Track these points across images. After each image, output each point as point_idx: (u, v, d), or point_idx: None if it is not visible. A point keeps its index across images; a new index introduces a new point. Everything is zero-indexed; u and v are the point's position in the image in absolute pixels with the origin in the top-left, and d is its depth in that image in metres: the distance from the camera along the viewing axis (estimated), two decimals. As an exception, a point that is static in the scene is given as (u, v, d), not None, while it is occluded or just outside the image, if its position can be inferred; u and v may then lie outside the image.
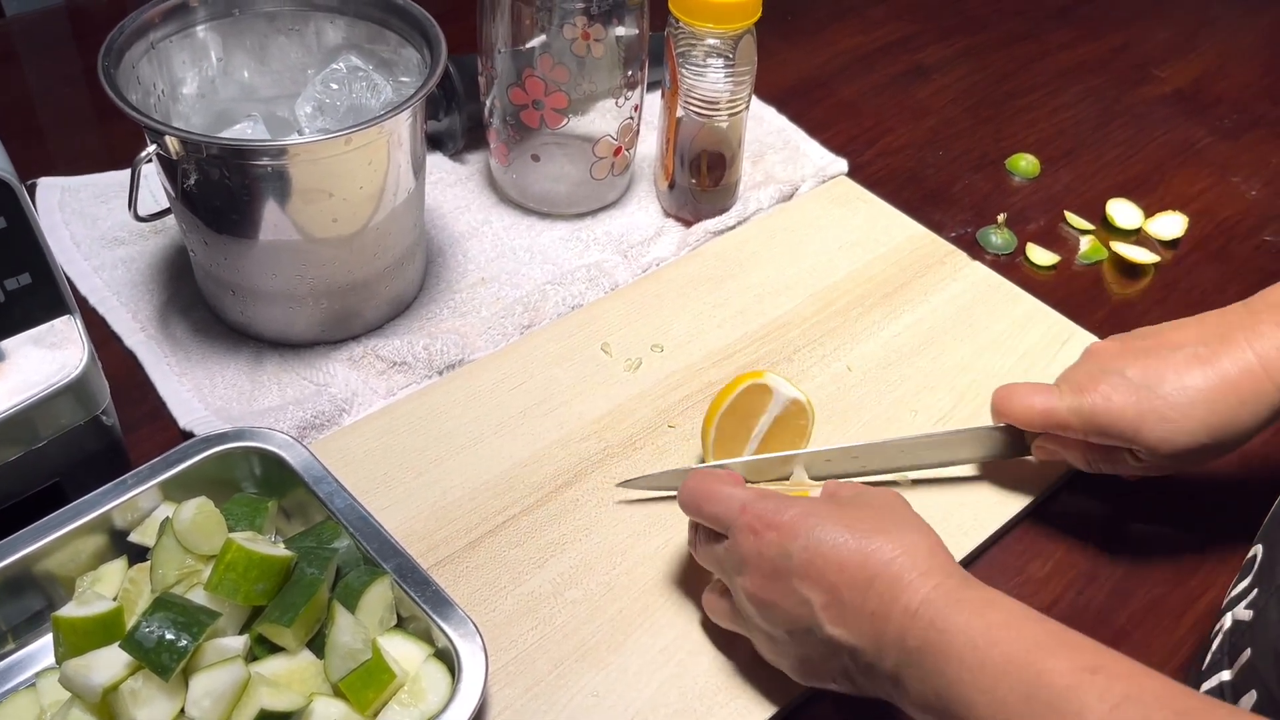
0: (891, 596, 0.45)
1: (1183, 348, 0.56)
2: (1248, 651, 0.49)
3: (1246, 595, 0.51)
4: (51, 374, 0.54)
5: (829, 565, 0.47)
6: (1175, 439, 0.54)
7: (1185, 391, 0.54)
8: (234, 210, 0.63)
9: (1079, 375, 0.58)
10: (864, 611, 0.46)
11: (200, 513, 0.54)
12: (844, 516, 0.48)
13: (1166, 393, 0.54)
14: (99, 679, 0.48)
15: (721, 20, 0.73)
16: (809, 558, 0.47)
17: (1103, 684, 0.40)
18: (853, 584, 0.46)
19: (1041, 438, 0.61)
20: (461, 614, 0.52)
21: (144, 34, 0.66)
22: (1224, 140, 0.96)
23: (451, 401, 0.67)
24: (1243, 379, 0.54)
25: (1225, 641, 0.51)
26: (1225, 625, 0.52)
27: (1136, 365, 0.56)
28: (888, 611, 0.45)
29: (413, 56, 0.70)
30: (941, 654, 0.43)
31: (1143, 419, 0.54)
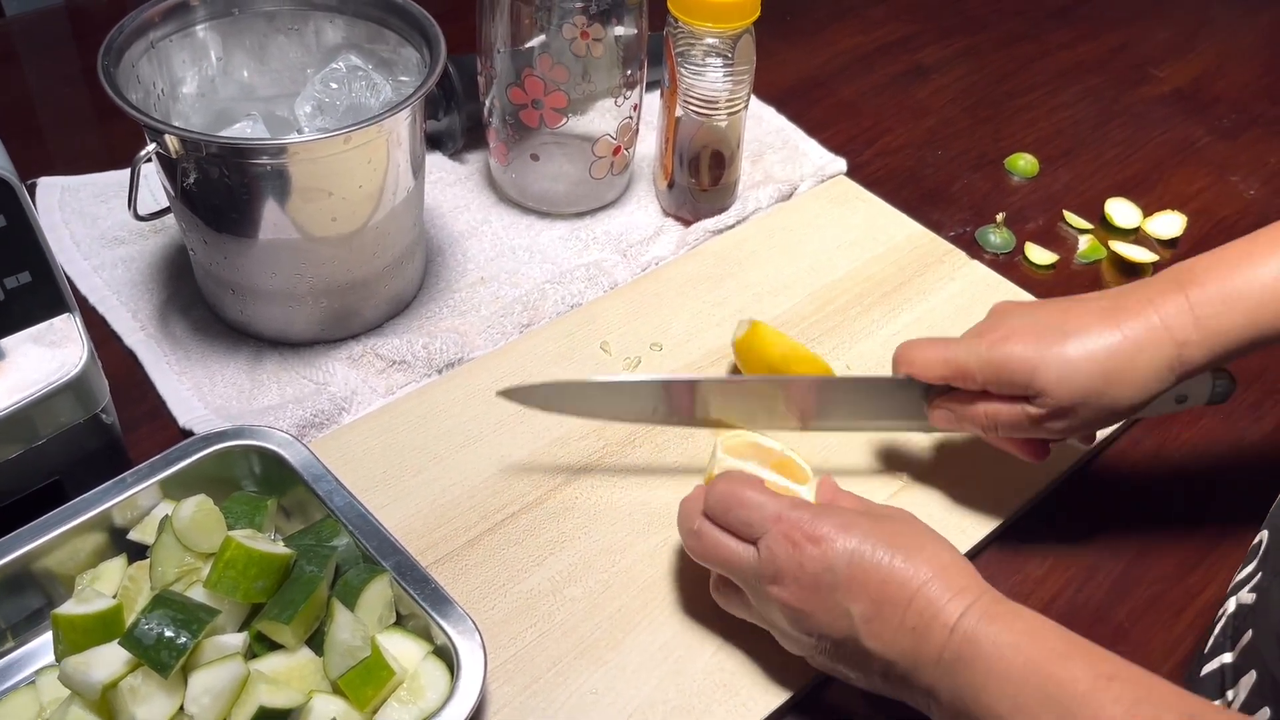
0: (931, 614, 0.47)
1: (1090, 303, 0.56)
2: (1249, 633, 0.49)
3: (1251, 579, 0.52)
4: (51, 372, 0.54)
5: (872, 581, 0.48)
6: (1072, 380, 0.53)
7: (1086, 334, 0.54)
8: (233, 209, 0.64)
9: (982, 325, 0.58)
10: (904, 628, 0.47)
11: (200, 510, 0.54)
12: (881, 532, 0.49)
13: (1068, 332, 0.54)
14: (98, 676, 0.48)
15: (720, 20, 0.73)
16: (853, 573, 0.48)
17: (1118, 689, 0.42)
18: (895, 601, 0.47)
19: (940, 398, 0.59)
20: (460, 611, 0.52)
21: (144, 33, 0.66)
22: (1222, 140, 0.96)
23: (451, 400, 0.67)
24: (1145, 332, 0.53)
25: (1228, 625, 0.52)
26: (1229, 609, 0.53)
27: (1042, 311, 0.56)
28: (927, 628, 0.47)
29: (412, 56, 0.70)
30: (972, 665, 0.45)
31: (1042, 359, 0.54)
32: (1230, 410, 0.72)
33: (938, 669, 0.46)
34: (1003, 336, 0.56)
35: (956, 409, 0.58)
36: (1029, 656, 0.44)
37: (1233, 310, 0.53)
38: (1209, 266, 0.55)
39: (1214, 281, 0.54)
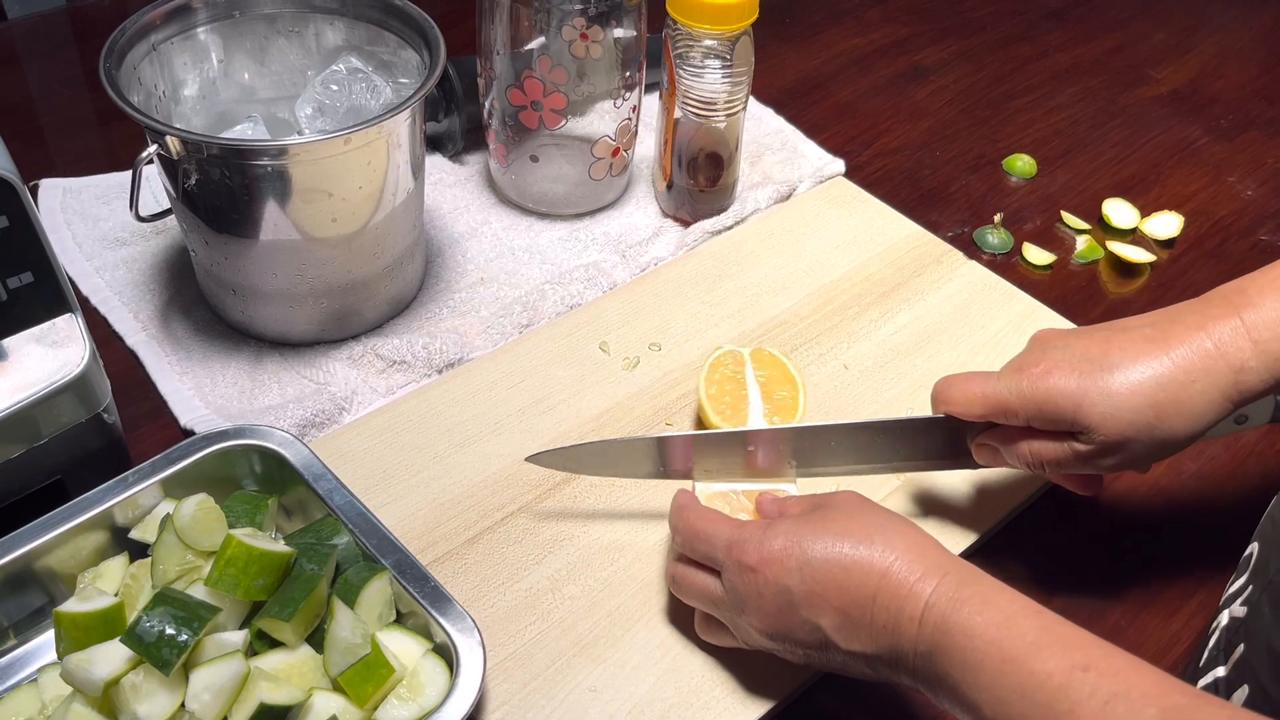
0: (896, 607, 0.46)
1: (1134, 329, 0.53)
2: (1241, 647, 0.49)
3: (1242, 593, 0.52)
4: (53, 372, 0.55)
5: (829, 589, 0.47)
6: (1119, 415, 0.50)
7: (1132, 365, 0.50)
8: (234, 210, 0.64)
9: (1022, 358, 0.55)
10: (874, 626, 0.46)
11: (201, 509, 0.54)
12: (828, 531, 0.48)
13: (1112, 363, 0.51)
14: (100, 673, 0.48)
15: (719, 22, 0.73)
16: (809, 587, 0.48)
17: (1093, 681, 0.40)
18: (857, 602, 0.47)
19: (983, 434, 0.57)
20: (459, 609, 0.52)
21: (145, 36, 0.67)
22: (1220, 140, 0.96)
23: (451, 400, 0.68)
24: (1193, 357, 0.50)
25: (1221, 638, 0.52)
26: (1222, 622, 0.53)
27: (1081, 343, 0.53)
28: (896, 622, 0.46)
29: (412, 58, 0.71)
30: (947, 657, 0.44)
31: (1085, 394, 0.51)
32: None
33: (916, 660, 0.45)
34: (1044, 370, 0.52)
35: (1001, 446, 0.56)
36: (1002, 648, 0.42)
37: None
38: (1263, 286, 0.51)
39: (1271, 301, 0.51)
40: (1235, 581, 0.54)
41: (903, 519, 0.49)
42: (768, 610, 0.49)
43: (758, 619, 0.49)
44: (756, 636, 0.51)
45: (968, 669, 0.43)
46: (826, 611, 0.47)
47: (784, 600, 0.48)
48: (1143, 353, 0.51)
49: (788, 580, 0.48)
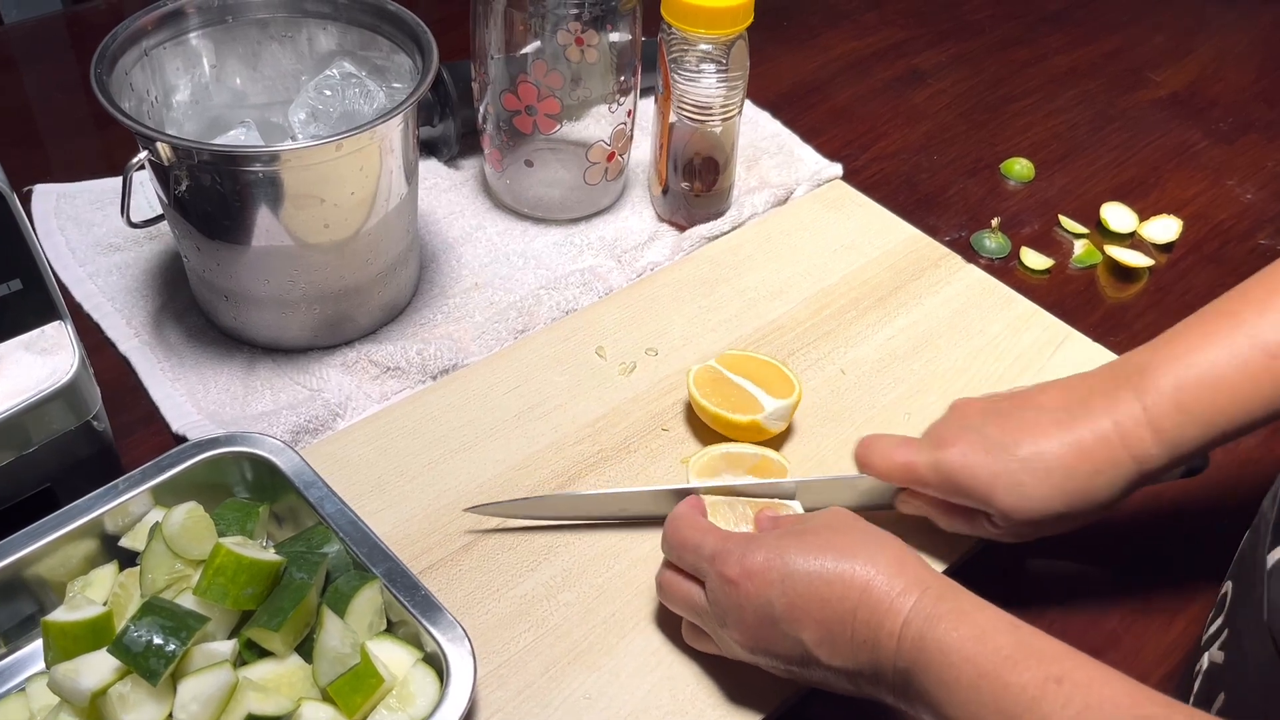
0: (876, 623, 0.46)
1: (1045, 410, 0.54)
2: (1221, 696, 0.48)
3: (1219, 636, 0.51)
4: (42, 379, 0.54)
5: (811, 603, 0.47)
6: (1028, 506, 0.52)
7: (1041, 457, 0.52)
8: (226, 216, 0.64)
9: (941, 429, 0.56)
10: (855, 641, 0.46)
11: (190, 517, 0.54)
12: (810, 546, 0.48)
13: (1022, 456, 0.52)
14: (87, 683, 0.48)
15: (714, 26, 0.73)
16: (790, 600, 0.47)
17: (1066, 693, 0.41)
18: (838, 617, 0.46)
19: (905, 492, 0.58)
20: (450, 618, 0.52)
21: (137, 41, 0.66)
22: (1219, 144, 0.96)
23: (445, 406, 0.67)
24: (1098, 447, 0.52)
25: (1203, 686, 0.51)
26: (1203, 666, 0.51)
27: (995, 424, 0.54)
28: (875, 638, 0.46)
29: (405, 63, 0.70)
30: (925, 674, 0.44)
31: (996, 481, 0.52)
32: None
33: (895, 676, 0.46)
34: (960, 452, 0.54)
35: (921, 506, 0.58)
36: (977, 664, 0.43)
37: (1189, 417, 0.51)
38: (1166, 361, 0.53)
39: (1168, 380, 0.52)
40: (1213, 623, 0.53)
41: (888, 536, 0.49)
42: (749, 624, 0.49)
43: (739, 632, 0.49)
44: (738, 650, 0.50)
45: (944, 686, 0.43)
46: (808, 626, 0.47)
47: (765, 614, 0.48)
48: (1051, 441, 0.52)
49: (769, 593, 0.48)
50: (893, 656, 0.45)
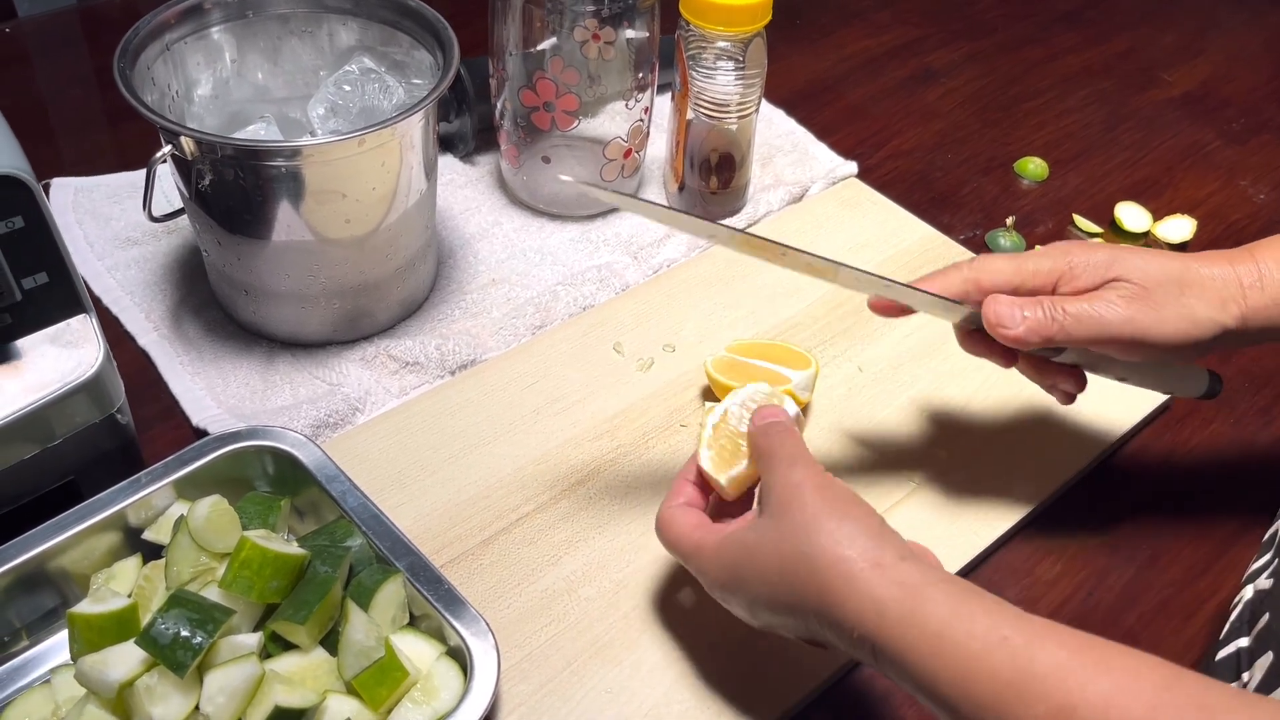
0: (839, 628, 0.45)
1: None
2: (1266, 616, 0.49)
3: (1269, 567, 0.52)
4: (67, 373, 0.55)
5: (778, 604, 0.48)
6: (1150, 267, 0.54)
7: (1159, 254, 0.55)
8: (247, 211, 0.64)
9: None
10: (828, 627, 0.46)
11: (215, 511, 0.54)
12: (752, 574, 0.48)
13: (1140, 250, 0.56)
14: (115, 675, 0.48)
15: (732, 23, 0.73)
16: (758, 604, 0.48)
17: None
18: (808, 611, 0.46)
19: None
20: (474, 612, 0.52)
21: (159, 35, 0.67)
22: (1232, 144, 0.96)
23: (464, 400, 0.67)
24: (1218, 266, 0.55)
25: (1245, 611, 0.52)
26: (1245, 596, 0.53)
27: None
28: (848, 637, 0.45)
29: (425, 59, 0.71)
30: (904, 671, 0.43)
31: (1118, 254, 0.55)
32: (1240, 414, 0.72)
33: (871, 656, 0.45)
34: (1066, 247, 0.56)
35: (1017, 309, 0.55)
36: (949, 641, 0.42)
37: None
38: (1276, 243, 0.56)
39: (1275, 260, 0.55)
40: (1260, 559, 0.55)
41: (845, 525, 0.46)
42: (740, 612, 0.50)
43: (739, 611, 0.50)
44: (750, 620, 0.51)
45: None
46: (785, 614, 0.47)
47: (746, 609, 0.49)
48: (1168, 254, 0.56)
49: (741, 599, 0.49)
50: (870, 651, 0.44)
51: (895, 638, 0.43)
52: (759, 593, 0.48)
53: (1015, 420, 0.69)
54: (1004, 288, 0.56)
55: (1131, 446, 0.70)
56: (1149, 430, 0.71)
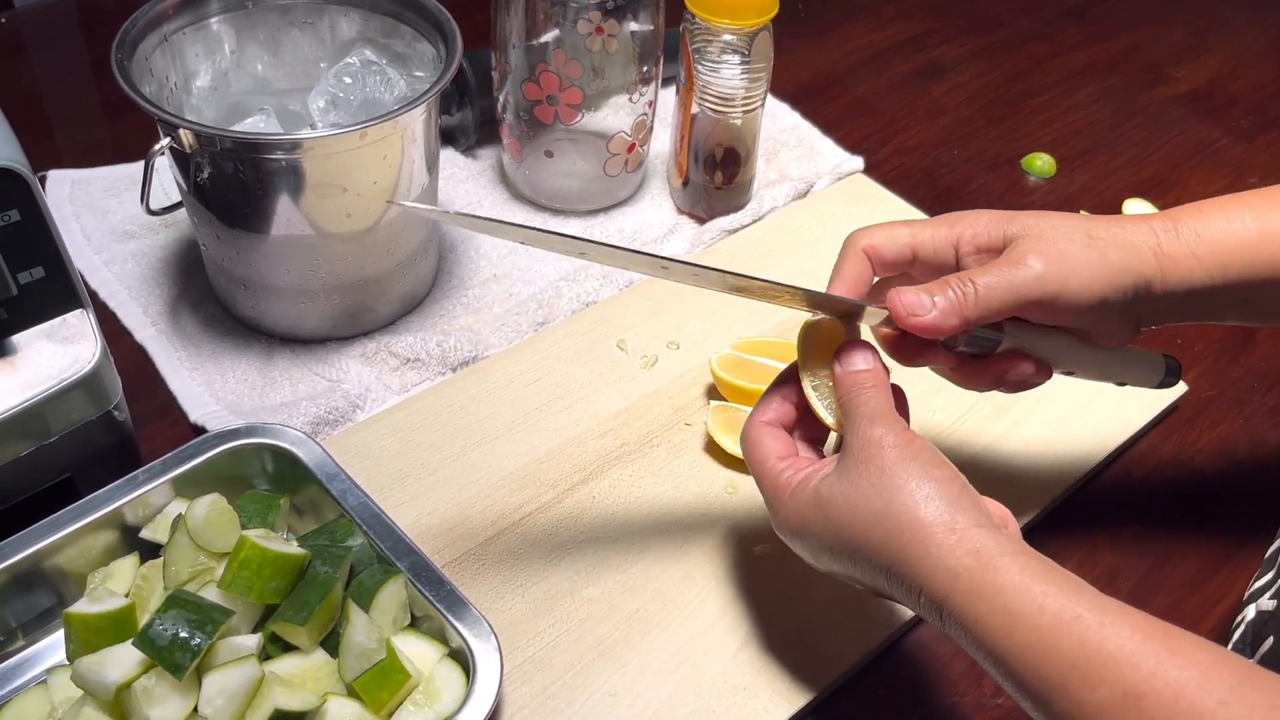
0: (906, 591, 0.45)
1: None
2: (1269, 641, 0.48)
3: (1271, 586, 0.51)
4: (64, 369, 0.54)
5: (858, 560, 0.46)
6: (1048, 226, 0.51)
7: (1085, 231, 0.52)
8: (247, 204, 0.63)
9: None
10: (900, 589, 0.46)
11: (214, 510, 0.53)
12: (831, 525, 0.47)
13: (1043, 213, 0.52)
14: (112, 677, 0.47)
15: (738, 16, 0.72)
16: (832, 557, 0.47)
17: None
18: (881, 573, 0.46)
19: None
20: (476, 614, 0.51)
21: (157, 26, 0.66)
22: (1240, 141, 0.95)
23: (466, 398, 0.67)
24: (1131, 222, 0.52)
25: (1247, 632, 0.51)
26: (1248, 616, 0.52)
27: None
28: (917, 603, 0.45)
29: (428, 51, 0.70)
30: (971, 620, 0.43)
31: (1013, 216, 0.52)
32: (1250, 414, 0.72)
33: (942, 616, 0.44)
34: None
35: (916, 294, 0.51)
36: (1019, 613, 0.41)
37: (1210, 247, 0.51)
38: (1191, 209, 0.53)
39: (1194, 218, 0.52)
40: (1261, 577, 0.53)
41: (920, 487, 0.45)
42: (805, 555, 0.49)
43: (803, 553, 0.49)
44: (813, 564, 0.50)
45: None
46: (853, 566, 0.47)
47: (812, 555, 0.49)
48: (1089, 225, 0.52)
49: (809, 545, 0.48)
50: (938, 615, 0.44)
51: (966, 607, 0.42)
52: (828, 543, 0.47)
53: (1022, 420, 0.68)
54: (901, 252, 0.52)
55: (1140, 448, 0.69)
56: (1157, 431, 0.70)
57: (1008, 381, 0.54)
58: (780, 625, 0.56)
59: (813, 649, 0.55)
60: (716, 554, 0.60)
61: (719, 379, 0.66)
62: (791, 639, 0.56)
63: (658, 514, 0.61)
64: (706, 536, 0.60)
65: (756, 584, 0.58)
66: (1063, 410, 0.68)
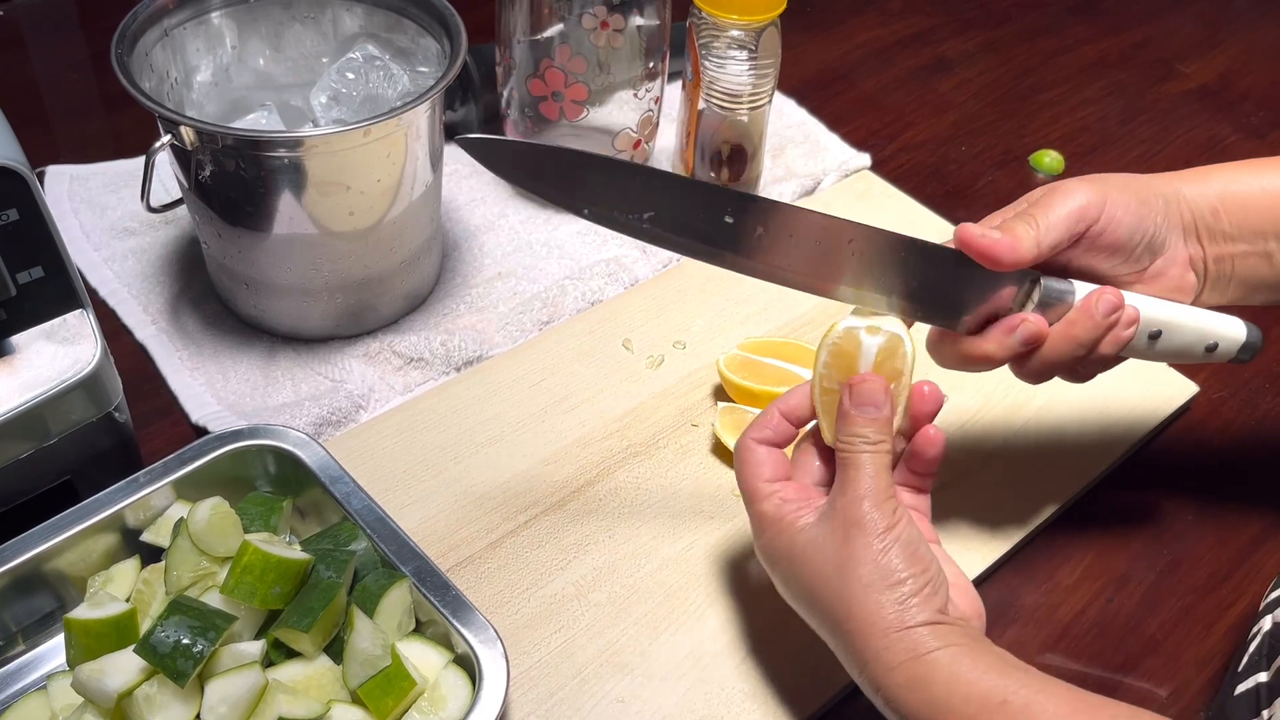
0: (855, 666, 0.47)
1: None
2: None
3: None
4: (64, 370, 0.53)
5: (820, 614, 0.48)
6: (1100, 177, 0.53)
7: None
8: (249, 202, 0.62)
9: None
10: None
11: (216, 513, 0.52)
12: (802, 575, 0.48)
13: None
14: (113, 684, 0.46)
15: (745, 12, 0.71)
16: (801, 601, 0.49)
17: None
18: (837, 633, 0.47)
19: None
20: (482, 619, 0.51)
21: (158, 20, 0.65)
22: (1251, 138, 0.95)
23: (471, 398, 0.66)
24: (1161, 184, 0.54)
25: (1264, 643, 0.51)
26: (1264, 628, 0.52)
27: None
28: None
29: (431, 46, 0.69)
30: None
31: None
32: (1262, 415, 0.71)
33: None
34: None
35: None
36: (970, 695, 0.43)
37: (1219, 196, 0.54)
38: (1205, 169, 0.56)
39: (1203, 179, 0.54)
40: (1278, 589, 0.53)
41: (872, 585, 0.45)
42: (774, 581, 0.50)
43: (773, 578, 0.50)
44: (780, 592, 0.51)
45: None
46: (810, 615, 0.49)
47: (780, 586, 0.50)
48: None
49: (778, 576, 0.50)
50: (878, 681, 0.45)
51: (901, 699, 0.44)
52: (793, 587, 0.49)
53: (1033, 424, 0.67)
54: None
55: (1151, 449, 0.68)
56: (1169, 432, 0.69)
57: (1102, 348, 0.52)
58: (790, 630, 0.55)
59: (823, 655, 0.54)
60: (725, 557, 0.59)
61: (727, 380, 0.65)
62: (801, 644, 0.55)
63: (665, 517, 0.61)
64: (714, 540, 0.60)
65: (765, 588, 0.57)
66: (1073, 413, 0.68)
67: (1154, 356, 0.55)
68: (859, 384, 0.49)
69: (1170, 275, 0.54)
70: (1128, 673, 0.57)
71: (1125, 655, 0.58)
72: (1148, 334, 0.53)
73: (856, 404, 0.48)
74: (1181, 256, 0.54)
